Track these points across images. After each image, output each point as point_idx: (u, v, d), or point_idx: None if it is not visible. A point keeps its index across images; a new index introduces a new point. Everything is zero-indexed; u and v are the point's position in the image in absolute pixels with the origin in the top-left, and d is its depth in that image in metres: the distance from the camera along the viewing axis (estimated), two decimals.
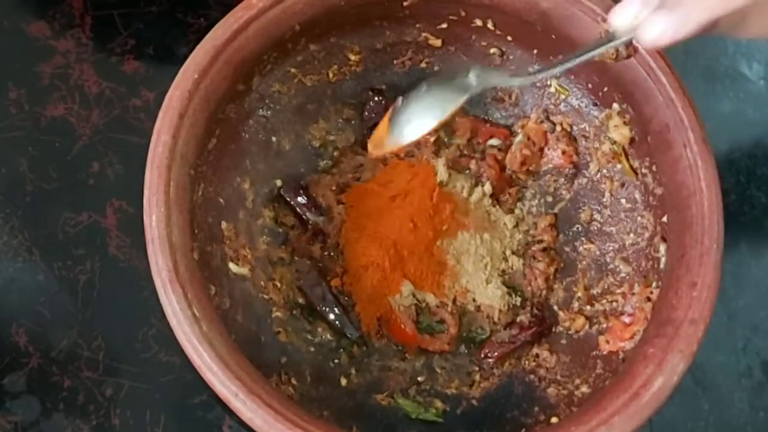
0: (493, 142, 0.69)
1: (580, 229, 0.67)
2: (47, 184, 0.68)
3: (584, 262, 0.67)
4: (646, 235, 0.63)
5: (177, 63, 0.58)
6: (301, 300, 0.65)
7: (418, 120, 0.57)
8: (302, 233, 0.66)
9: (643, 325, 0.60)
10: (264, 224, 0.65)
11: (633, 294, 0.62)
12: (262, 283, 0.63)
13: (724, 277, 0.57)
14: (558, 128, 0.68)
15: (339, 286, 0.65)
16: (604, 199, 0.67)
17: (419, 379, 0.64)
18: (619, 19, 0.54)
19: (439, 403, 0.63)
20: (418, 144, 0.68)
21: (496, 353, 0.65)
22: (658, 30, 0.51)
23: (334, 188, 0.67)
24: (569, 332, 0.65)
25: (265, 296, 0.63)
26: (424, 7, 0.65)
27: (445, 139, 0.69)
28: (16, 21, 0.72)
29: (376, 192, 0.67)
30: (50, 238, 0.67)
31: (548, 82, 0.67)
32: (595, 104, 0.66)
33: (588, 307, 0.65)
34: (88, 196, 0.68)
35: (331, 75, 0.68)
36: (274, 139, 0.66)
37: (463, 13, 0.65)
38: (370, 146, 0.61)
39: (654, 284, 0.61)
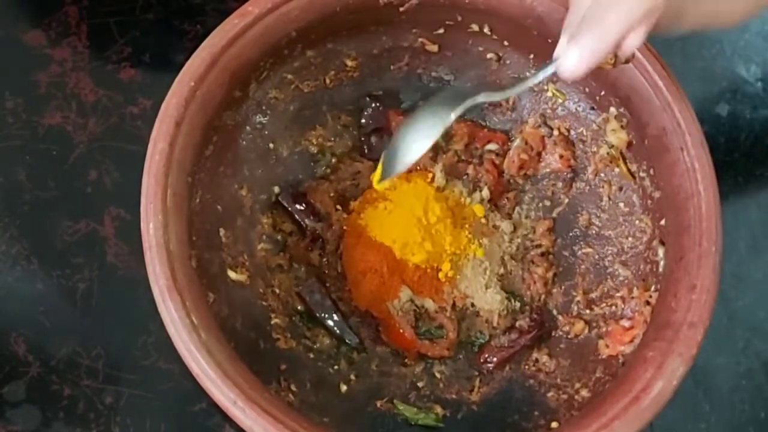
0: (491, 147, 0.69)
1: (578, 233, 0.67)
2: (45, 192, 0.68)
3: (583, 267, 0.66)
4: (645, 238, 0.63)
5: (173, 70, 0.58)
6: (300, 306, 0.65)
7: (407, 149, 0.57)
8: (300, 240, 0.66)
9: (643, 329, 0.59)
10: (262, 231, 0.65)
11: (632, 298, 0.62)
12: (261, 290, 0.63)
13: (723, 279, 0.57)
14: (555, 133, 0.68)
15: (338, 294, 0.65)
16: (602, 203, 0.66)
17: (419, 384, 0.64)
18: (557, 52, 0.54)
19: (439, 409, 0.63)
20: None
21: (495, 358, 0.65)
22: (570, 63, 0.52)
23: (332, 194, 0.67)
24: (568, 336, 0.65)
25: (264, 303, 0.63)
26: (420, 12, 0.65)
27: (443, 145, 0.69)
28: (12, 30, 0.72)
29: (374, 198, 0.67)
30: (48, 246, 0.67)
31: (545, 87, 0.67)
32: (593, 108, 0.66)
33: (587, 311, 0.65)
34: (85, 205, 0.68)
35: (327, 81, 0.68)
36: (271, 145, 0.66)
37: (459, 18, 0.65)
38: (375, 181, 0.60)
39: (653, 288, 0.61)
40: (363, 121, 0.69)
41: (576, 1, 0.53)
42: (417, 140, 0.56)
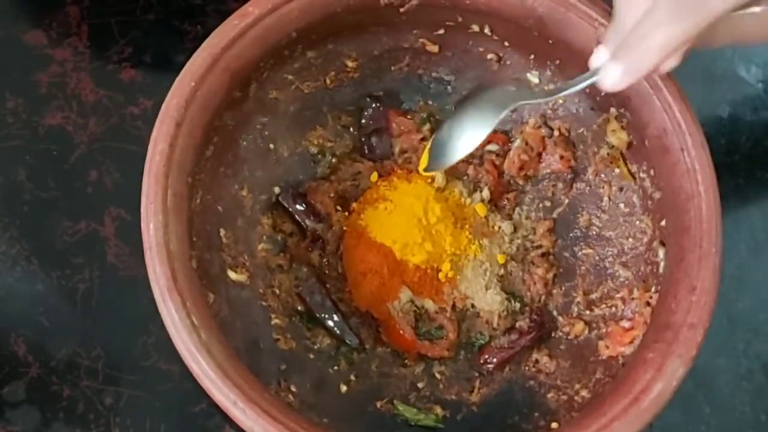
0: (491, 147, 0.69)
1: (578, 234, 0.67)
2: (45, 192, 0.68)
3: (583, 267, 0.66)
4: (645, 239, 0.63)
5: (174, 71, 0.58)
6: (300, 307, 0.64)
7: (457, 141, 0.61)
8: (301, 240, 0.66)
9: (643, 330, 0.59)
10: (262, 231, 0.65)
11: (632, 299, 0.62)
12: (261, 290, 0.63)
13: (724, 280, 0.57)
14: (556, 133, 0.68)
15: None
16: (603, 204, 0.66)
17: (419, 385, 0.64)
18: (593, 62, 0.56)
19: (439, 409, 0.63)
20: (415, 150, 0.69)
21: (495, 359, 0.64)
22: (612, 78, 0.53)
23: (332, 195, 0.67)
24: (569, 337, 0.65)
25: (264, 303, 0.63)
26: (421, 13, 0.65)
27: None
28: (13, 30, 0.72)
29: (375, 198, 0.67)
30: (49, 246, 0.67)
31: (546, 87, 0.67)
32: (593, 109, 0.66)
33: (587, 312, 0.65)
34: (86, 205, 0.68)
35: (328, 81, 0.68)
36: (271, 146, 0.66)
37: (460, 19, 0.65)
38: (420, 167, 0.65)
39: (653, 289, 0.61)
40: (363, 121, 0.69)
41: (621, 15, 0.53)
42: (464, 137, 0.60)
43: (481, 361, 0.65)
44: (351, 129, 0.69)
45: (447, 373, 0.65)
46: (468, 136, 0.60)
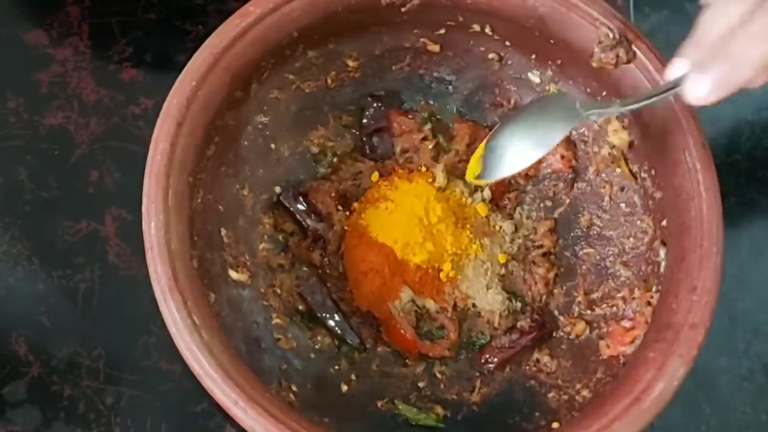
0: None
1: (579, 233, 0.67)
2: (46, 192, 0.68)
3: (584, 267, 0.66)
4: (646, 239, 0.63)
5: (175, 70, 0.58)
6: (301, 306, 0.65)
7: (515, 153, 0.58)
8: (302, 240, 0.66)
9: (644, 330, 0.59)
10: (263, 231, 0.65)
11: (633, 298, 0.62)
12: (262, 289, 0.63)
13: (725, 280, 0.57)
14: None
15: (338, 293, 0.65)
16: (604, 204, 0.66)
17: (420, 384, 0.64)
18: (670, 74, 0.53)
19: (439, 409, 0.63)
20: (416, 149, 0.69)
21: (496, 358, 0.64)
22: (701, 91, 0.51)
23: (333, 195, 0.67)
24: (570, 337, 0.65)
25: (265, 303, 0.63)
26: (422, 13, 0.65)
27: (444, 145, 0.69)
28: (14, 30, 0.72)
29: (376, 198, 0.67)
30: (50, 246, 0.67)
31: (547, 87, 0.67)
32: None
33: (588, 312, 0.65)
34: (87, 205, 0.68)
35: (329, 81, 0.68)
36: (272, 145, 0.66)
37: (461, 19, 0.65)
38: (468, 175, 0.62)
39: (654, 288, 0.61)
40: (364, 121, 0.69)
41: (705, 27, 0.51)
42: (527, 148, 0.58)
43: (482, 361, 0.65)
44: (352, 129, 0.69)
45: (448, 373, 0.65)
46: (531, 146, 0.58)
